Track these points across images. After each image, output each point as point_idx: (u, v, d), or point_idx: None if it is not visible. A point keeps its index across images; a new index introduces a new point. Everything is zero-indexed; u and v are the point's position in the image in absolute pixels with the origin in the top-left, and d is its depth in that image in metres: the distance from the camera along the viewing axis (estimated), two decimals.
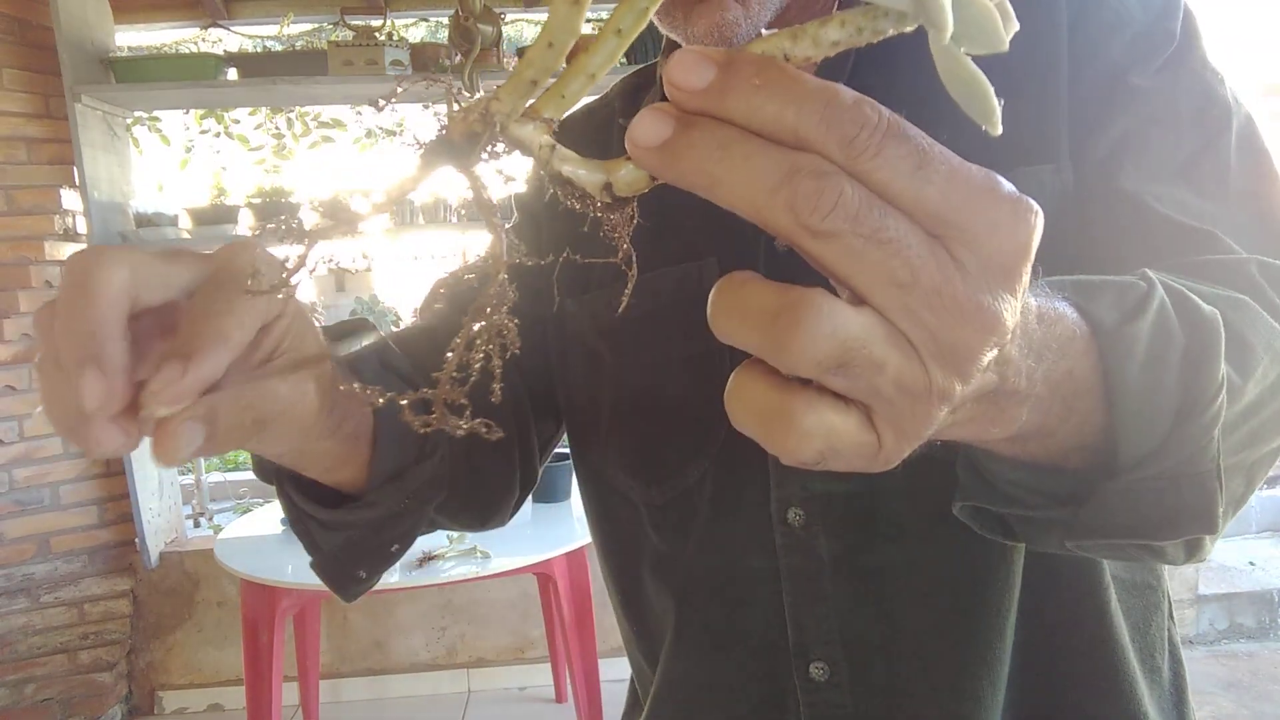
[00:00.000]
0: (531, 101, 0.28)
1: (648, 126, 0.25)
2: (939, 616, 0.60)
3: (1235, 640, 3.07)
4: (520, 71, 0.27)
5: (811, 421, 0.26)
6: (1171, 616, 0.66)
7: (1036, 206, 0.26)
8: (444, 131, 0.28)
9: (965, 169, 0.25)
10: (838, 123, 0.24)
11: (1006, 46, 0.25)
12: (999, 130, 0.26)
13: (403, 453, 0.55)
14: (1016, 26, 0.26)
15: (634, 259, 0.31)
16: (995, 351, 0.27)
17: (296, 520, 0.58)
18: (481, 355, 0.30)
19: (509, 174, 0.29)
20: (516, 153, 0.29)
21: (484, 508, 0.72)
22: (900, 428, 0.27)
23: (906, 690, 0.60)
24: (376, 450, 0.53)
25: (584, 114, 0.80)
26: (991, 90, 0.26)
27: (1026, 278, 0.26)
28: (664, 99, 0.26)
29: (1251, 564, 3.27)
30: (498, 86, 0.28)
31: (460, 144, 0.28)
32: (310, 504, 0.55)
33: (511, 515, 0.75)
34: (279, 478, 0.56)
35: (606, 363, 0.69)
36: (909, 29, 0.26)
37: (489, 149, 0.28)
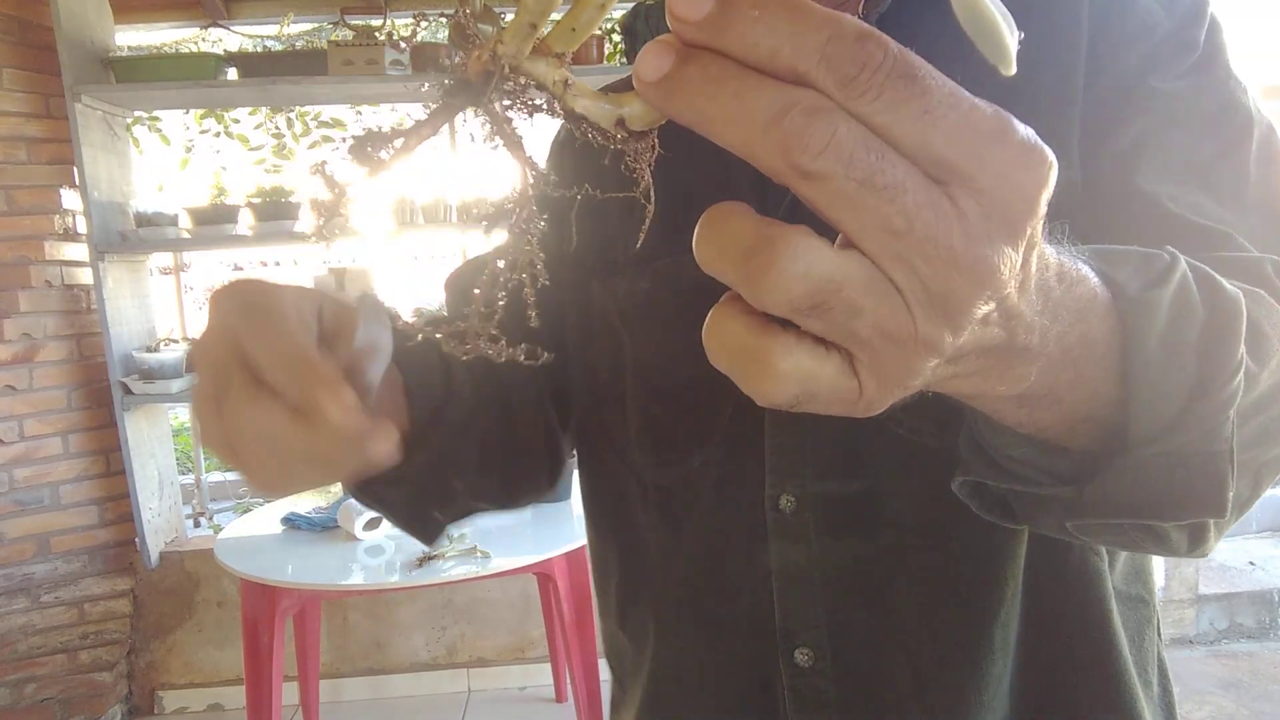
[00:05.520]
0: (541, 37, 0.28)
1: (649, 60, 0.24)
2: (925, 610, 0.60)
3: (1235, 640, 3.07)
4: (519, 16, 0.27)
5: (787, 365, 0.25)
6: (1159, 633, 0.66)
7: (1051, 156, 0.24)
8: (461, 71, 0.28)
9: (975, 112, 0.23)
10: (838, 60, 0.22)
11: None
12: (1013, 70, 0.25)
13: (431, 395, 0.58)
14: None
15: (652, 194, 0.30)
16: (991, 305, 0.26)
17: (363, 491, 0.61)
18: (509, 287, 0.31)
19: (532, 107, 0.29)
20: (532, 89, 0.29)
21: (514, 468, 0.72)
22: (882, 375, 0.26)
23: (890, 680, 0.61)
24: (411, 399, 0.55)
25: None
26: (1006, 29, 0.25)
27: (1031, 231, 0.25)
28: None
29: (1251, 564, 3.27)
30: (499, 31, 0.28)
31: (477, 83, 0.28)
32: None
33: (548, 490, 0.75)
34: None
35: (625, 344, 0.70)
36: None
37: (504, 87, 0.28)
